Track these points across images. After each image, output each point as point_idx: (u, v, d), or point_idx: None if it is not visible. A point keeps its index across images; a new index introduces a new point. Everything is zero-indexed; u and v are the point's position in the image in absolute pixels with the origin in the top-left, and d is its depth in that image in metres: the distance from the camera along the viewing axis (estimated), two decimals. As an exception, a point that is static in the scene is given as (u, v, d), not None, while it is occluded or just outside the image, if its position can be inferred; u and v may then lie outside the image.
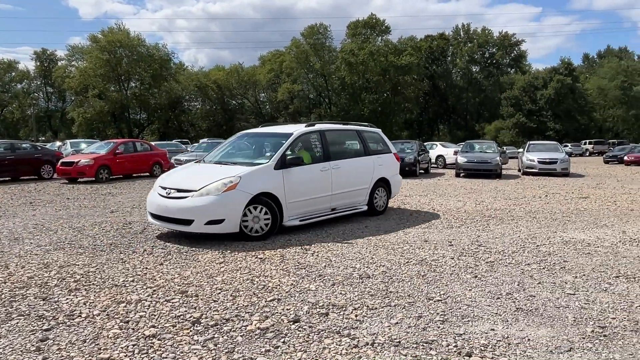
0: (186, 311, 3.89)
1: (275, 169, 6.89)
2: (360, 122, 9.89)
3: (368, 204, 8.60)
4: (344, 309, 3.95)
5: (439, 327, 3.58)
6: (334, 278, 4.80)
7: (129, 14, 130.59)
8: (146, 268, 5.17)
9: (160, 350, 3.20)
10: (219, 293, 4.35)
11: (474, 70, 66.74)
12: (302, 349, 3.23)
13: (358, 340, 3.35)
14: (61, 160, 16.41)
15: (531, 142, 23.40)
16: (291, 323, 3.65)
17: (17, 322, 3.66)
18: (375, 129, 9.50)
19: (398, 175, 9.58)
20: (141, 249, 6.09)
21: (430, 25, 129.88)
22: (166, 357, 3.11)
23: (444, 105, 65.50)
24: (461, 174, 18.56)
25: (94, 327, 3.58)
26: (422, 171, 19.66)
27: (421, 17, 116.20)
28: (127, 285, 4.58)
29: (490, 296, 4.27)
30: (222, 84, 57.88)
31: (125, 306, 4.00)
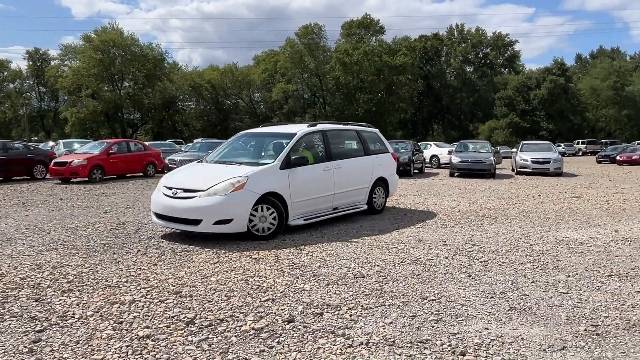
0: (180, 312, 3.88)
1: (280, 169, 6.91)
2: (359, 122, 9.94)
3: (367, 203, 8.67)
4: (338, 308, 3.96)
5: (433, 327, 3.59)
6: (329, 278, 4.80)
7: (123, 13, 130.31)
8: (140, 269, 5.15)
9: (154, 351, 3.19)
10: (213, 293, 4.34)
11: (467, 70, 67.00)
12: (297, 349, 3.23)
13: (352, 340, 3.35)
14: (54, 161, 16.31)
15: (524, 142, 23.54)
16: (286, 323, 3.65)
17: (10, 324, 3.64)
18: (373, 129, 9.57)
19: (395, 175, 9.67)
20: (135, 249, 6.06)
21: (425, 25, 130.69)
22: (160, 358, 3.10)
23: (438, 105, 65.70)
24: (455, 174, 18.64)
25: (87, 328, 3.56)
26: (416, 171, 19.73)
27: (415, 17, 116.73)
28: (121, 286, 4.56)
29: (484, 295, 4.29)
30: (216, 83, 57.72)
31: (118, 307, 3.98)
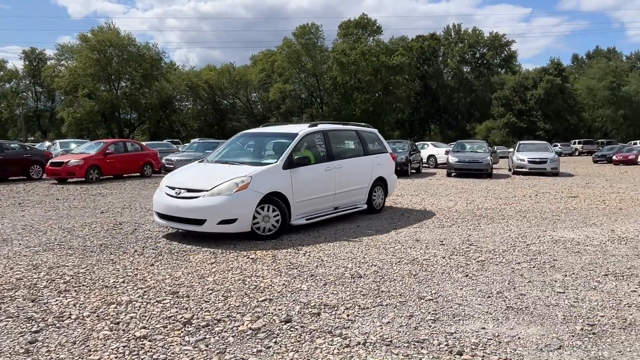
0: (177, 312, 3.87)
1: (283, 169, 6.92)
2: (358, 122, 9.98)
3: (367, 202, 8.72)
4: (335, 308, 3.96)
5: (430, 326, 3.60)
6: (326, 278, 4.80)
7: (119, 13, 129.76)
8: (137, 269, 5.14)
9: (151, 352, 3.18)
10: (211, 293, 4.33)
11: (464, 70, 67.13)
12: (294, 349, 3.23)
13: (350, 340, 3.35)
14: (50, 161, 16.24)
15: (521, 141, 23.57)
16: (283, 323, 3.65)
17: (6, 324, 3.62)
18: (372, 129, 9.63)
19: (394, 175, 9.74)
20: (132, 249, 6.05)
21: (422, 25, 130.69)
22: (157, 359, 3.09)
23: (435, 105, 65.79)
24: (452, 174, 18.66)
25: (84, 329, 3.55)
26: (413, 171, 19.75)
27: (412, 18, 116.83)
28: (118, 286, 4.55)
29: (481, 295, 4.29)
30: (213, 83, 57.58)
31: (115, 307, 3.97)
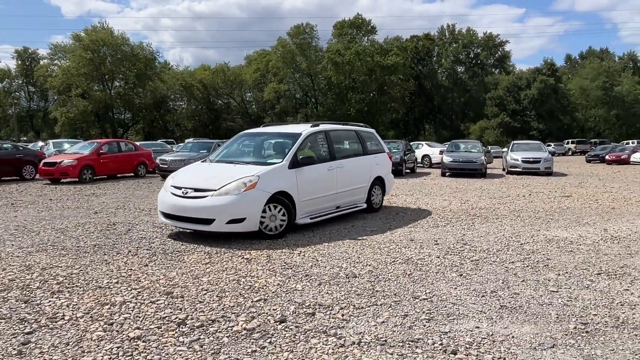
0: (171, 312, 3.86)
1: (289, 168, 6.97)
2: (356, 123, 10.05)
3: (366, 201, 8.81)
4: (330, 308, 3.96)
5: (424, 326, 3.60)
6: (321, 278, 4.80)
7: (113, 12, 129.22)
8: (131, 269, 5.11)
9: (145, 352, 3.17)
10: (205, 294, 4.32)
11: (459, 70, 67.35)
12: (289, 349, 3.23)
13: (344, 340, 3.35)
14: (44, 161, 16.14)
15: (515, 141, 23.69)
16: (278, 323, 3.65)
17: (-2, 326, 3.60)
18: (370, 129, 9.74)
19: (391, 174, 9.87)
20: (126, 250, 6.02)
21: (416, 25, 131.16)
22: (151, 359, 3.08)
23: (430, 105, 65.96)
24: (447, 173, 18.72)
25: (77, 330, 3.53)
26: (408, 170, 19.79)
27: (407, 18, 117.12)
28: (112, 286, 4.52)
29: (475, 294, 4.31)
30: (207, 83, 57.43)
31: (109, 308, 3.95)
